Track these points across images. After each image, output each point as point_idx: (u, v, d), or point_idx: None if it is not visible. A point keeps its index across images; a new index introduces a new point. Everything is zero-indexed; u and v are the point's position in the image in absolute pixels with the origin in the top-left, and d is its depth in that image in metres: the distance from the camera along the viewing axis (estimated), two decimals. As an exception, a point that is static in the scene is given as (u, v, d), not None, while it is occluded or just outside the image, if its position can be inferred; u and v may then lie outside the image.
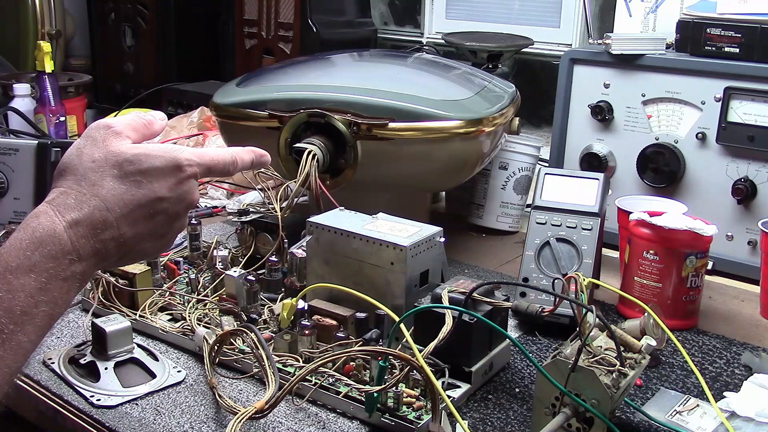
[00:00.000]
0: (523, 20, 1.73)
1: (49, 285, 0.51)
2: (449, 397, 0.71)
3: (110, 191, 0.54)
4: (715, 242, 0.94)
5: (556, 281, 0.78)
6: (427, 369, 0.65)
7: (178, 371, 0.79)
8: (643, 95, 1.16)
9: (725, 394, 0.76)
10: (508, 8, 1.76)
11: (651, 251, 0.92)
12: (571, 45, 1.66)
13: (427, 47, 1.69)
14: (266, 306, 0.88)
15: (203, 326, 0.83)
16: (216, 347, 0.77)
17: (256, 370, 0.77)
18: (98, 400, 0.73)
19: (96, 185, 0.54)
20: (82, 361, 0.78)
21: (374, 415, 0.70)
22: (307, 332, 0.77)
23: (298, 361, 0.76)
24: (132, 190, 0.55)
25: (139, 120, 0.60)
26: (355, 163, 0.99)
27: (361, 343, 0.76)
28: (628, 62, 1.16)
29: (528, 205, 1.20)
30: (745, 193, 1.07)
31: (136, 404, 0.73)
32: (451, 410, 0.65)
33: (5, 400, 0.51)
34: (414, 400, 0.71)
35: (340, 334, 0.77)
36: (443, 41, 1.51)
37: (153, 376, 0.77)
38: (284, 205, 0.94)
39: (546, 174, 0.98)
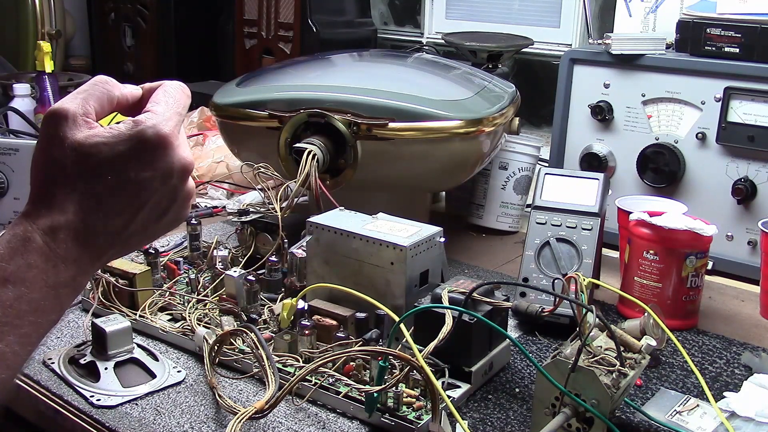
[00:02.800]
0: (523, 20, 1.73)
1: (33, 294, 0.48)
2: (449, 397, 0.71)
3: (83, 192, 0.49)
4: (715, 242, 0.94)
5: (556, 281, 0.78)
6: (427, 369, 0.65)
7: (178, 371, 0.79)
8: (643, 95, 1.16)
9: (725, 394, 0.76)
10: (508, 8, 1.76)
11: (651, 251, 0.92)
12: (571, 45, 1.66)
13: (427, 47, 1.69)
14: (266, 306, 0.88)
15: (203, 326, 0.83)
16: (216, 347, 0.77)
17: (256, 370, 0.77)
18: (98, 400, 0.73)
19: (65, 187, 0.49)
20: (82, 361, 0.78)
21: (374, 415, 0.70)
22: (307, 332, 0.77)
23: (298, 361, 0.76)
24: (105, 183, 0.49)
25: (96, 88, 0.52)
26: (355, 163, 0.99)
27: (361, 343, 0.76)
28: (628, 62, 1.16)
29: (528, 205, 1.20)
30: (745, 193, 1.07)
31: (136, 404, 0.73)
32: (451, 410, 0.65)
33: None
34: (414, 400, 0.71)
35: (340, 334, 0.77)
36: (443, 41, 1.51)
37: (153, 376, 0.77)
38: (284, 205, 0.94)
39: (546, 174, 0.98)
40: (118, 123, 0.51)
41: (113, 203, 0.50)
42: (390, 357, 0.68)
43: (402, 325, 0.69)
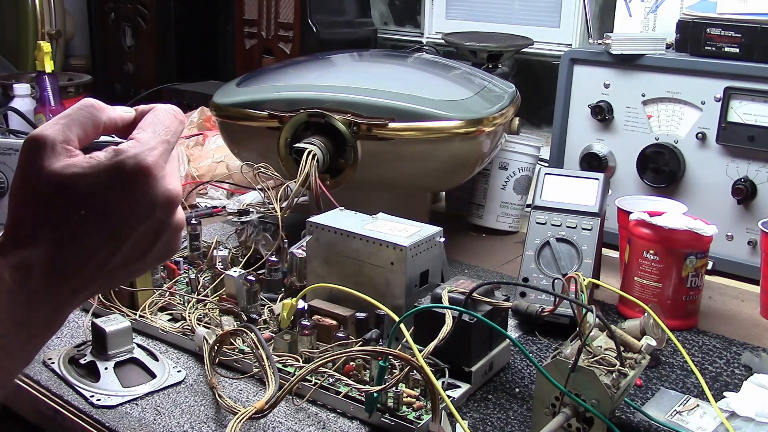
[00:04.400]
0: (523, 20, 1.73)
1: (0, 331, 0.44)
2: (449, 397, 0.71)
3: (58, 225, 0.45)
4: (715, 242, 0.94)
5: (556, 281, 0.78)
6: (427, 369, 0.65)
7: (178, 371, 0.79)
8: (643, 95, 1.16)
9: (725, 394, 0.76)
10: (508, 8, 1.76)
11: (651, 251, 0.92)
12: (571, 45, 1.66)
13: (427, 47, 1.69)
14: (266, 306, 0.88)
15: (203, 326, 0.83)
16: (216, 347, 0.77)
17: (256, 370, 0.77)
18: (98, 400, 0.73)
19: (40, 219, 0.45)
20: (82, 361, 0.78)
21: (374, 415, 0.70)
22: (307, 332, 0.77)
23: (298, 361, 0.76)
24: (82, 217, 0.45)
25: (80, 113, 0.48)
26: (355, 163, 0.99)
27: (361, 343, 0.76)
28: (628, 62, 1.16)
29: (528, 205, 1.20)
30: (745, 193, 1.07)
31: (136, 404, 0.73)
32: (451, 410, 0.65)
33: None
34: (414, 400, 0.71)
35: (340, 334, 0.77)
36: (443, 41, 1.51)
37: (153, 376, 0.77)
38: (284, 205, 0.94)
39: (546, 174, 0.98)
40: (101, 150, 0.46)
41: (90, 238, 0.46)
42: (390, 357, 0.68)
43: (402, 325, 0.69)
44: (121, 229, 0.46)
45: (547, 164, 1.27)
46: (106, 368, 0.76)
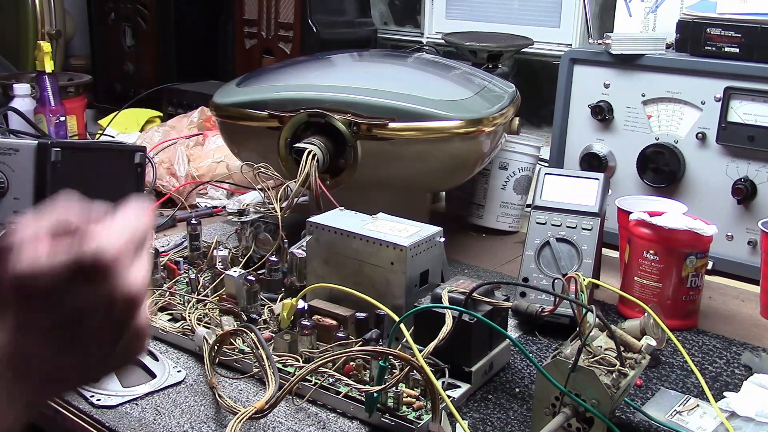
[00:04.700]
0: (523, 20, 1.73)
1: None
2: (449, 397, 0.71)
3: (15, 323, 0.45)
4: (715, 242, 0.94)
5: (556, 281, 0.78)
6: (427, 369, 0.65)
7: (178, 371, 0.79)
8: (643, 95, 1.16)
9: (725, 394, 0.76)
10: (508, 8, 1.75)
11: (651, 251, 0.92)
12: (571, 45, 1.66)
13: (427, 47, 1.69)
14: (266, 306, 0.88)
15: (203, 326, 0.83)
16: (216, 347, 0.77)
17: (256, 370, 0.77)
18: (98, 400, 0.73)
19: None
20: (82, 361, 0.78)
21: (374, 415, 0.70)
22: (307, 332, 0.78)
23: (298, 361, 0.76)
24: (40, 314, 0.45)
25: (55, 215, 0.47)
26: (355, 163, 0.99)
27: (361, 343, 0.76)
28: (628, 62, 1.16)
29: (528, 205, 1.20)
30: (745, 193, 1.07)
31: (136, 404, 0.73)
32: (451, 410, 0.65)
33: None
34: (414, 400, 0.71)
35: (340, 334, 0.77)
36: (443, 41, 1.51)
37: (153, 376, 0.77)
38: (284, 205, 0.94)
39: (546, 174, 0.98)
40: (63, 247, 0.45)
41: (49, 335, 0.45)
42: (390, 357, 0.68)
43: (402, 325, 0.69)
44: (77, 327, 0.45)
45: (547, 164, 1.27)
46: (106, 368, 0.76)
